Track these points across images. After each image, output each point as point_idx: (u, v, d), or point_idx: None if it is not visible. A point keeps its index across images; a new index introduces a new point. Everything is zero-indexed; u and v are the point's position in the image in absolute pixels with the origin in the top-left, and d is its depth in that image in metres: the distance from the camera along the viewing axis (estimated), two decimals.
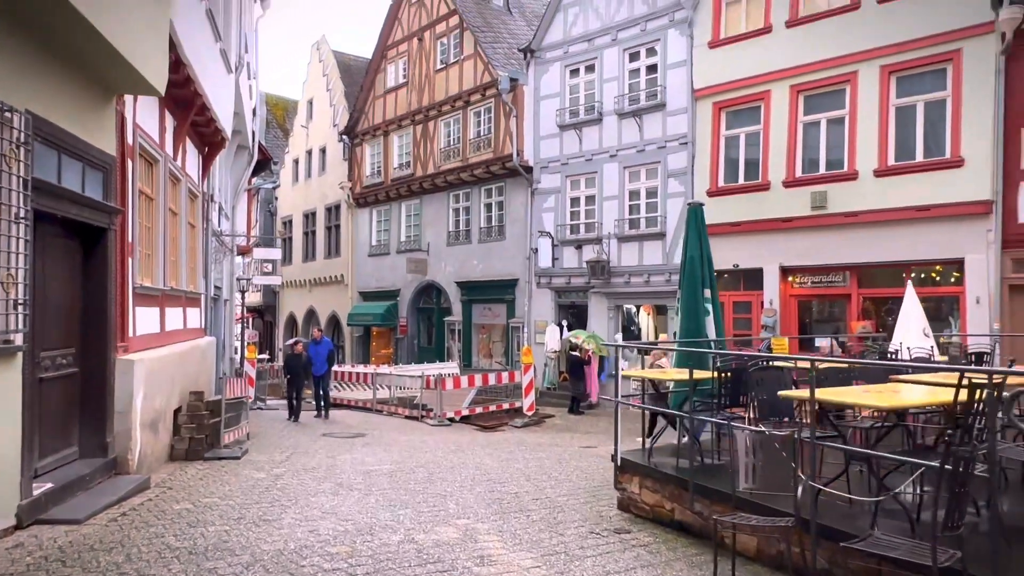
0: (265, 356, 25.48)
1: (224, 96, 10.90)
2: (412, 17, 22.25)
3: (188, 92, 8.66)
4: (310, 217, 27.89)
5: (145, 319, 7.97)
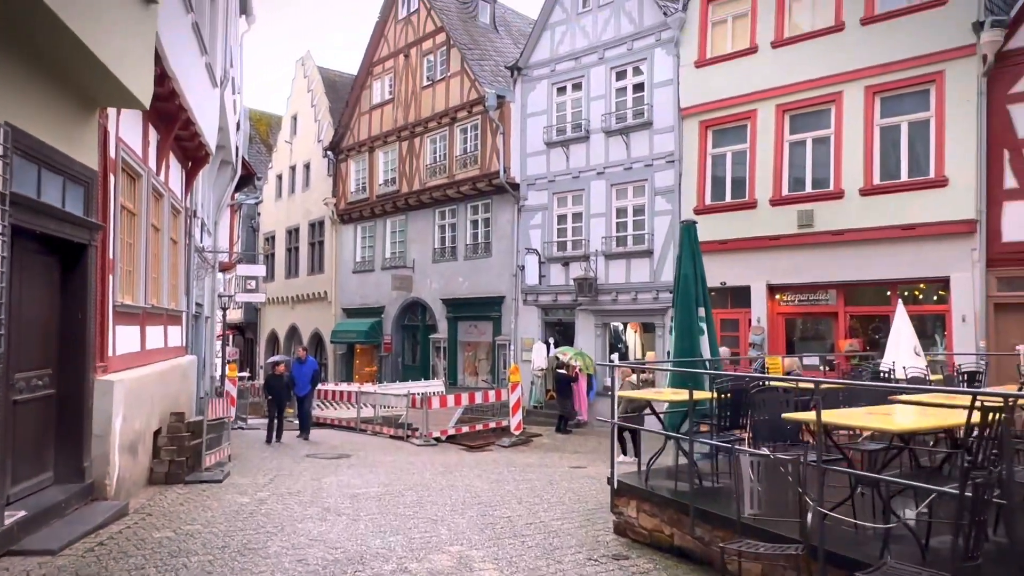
0: (246, 374, 25.08)
1: (209, 110, 10.73)
2: (398, 34, 22.24)
3: (173, 106, 8.49)
4: (293, 233, 27.61)
5: (125, 338, 7.73)
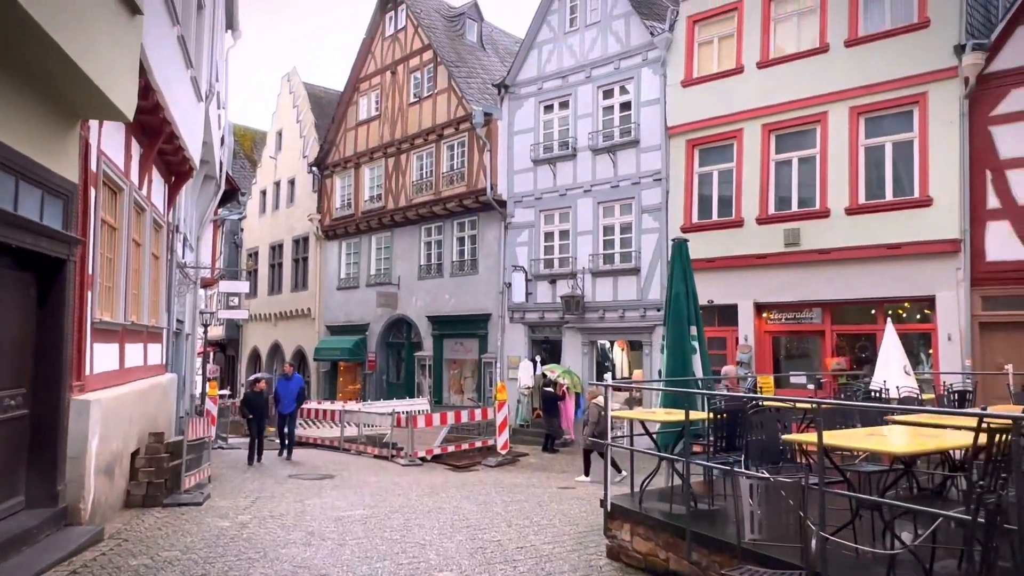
0: (227, 392, 24.63)
1: (193, 124, 10.58)
2: (385, 51, 22.25)
3: (157, 119, 8.34)
4: (277, 249, 27.33)
5: (103, 356, 7.50)
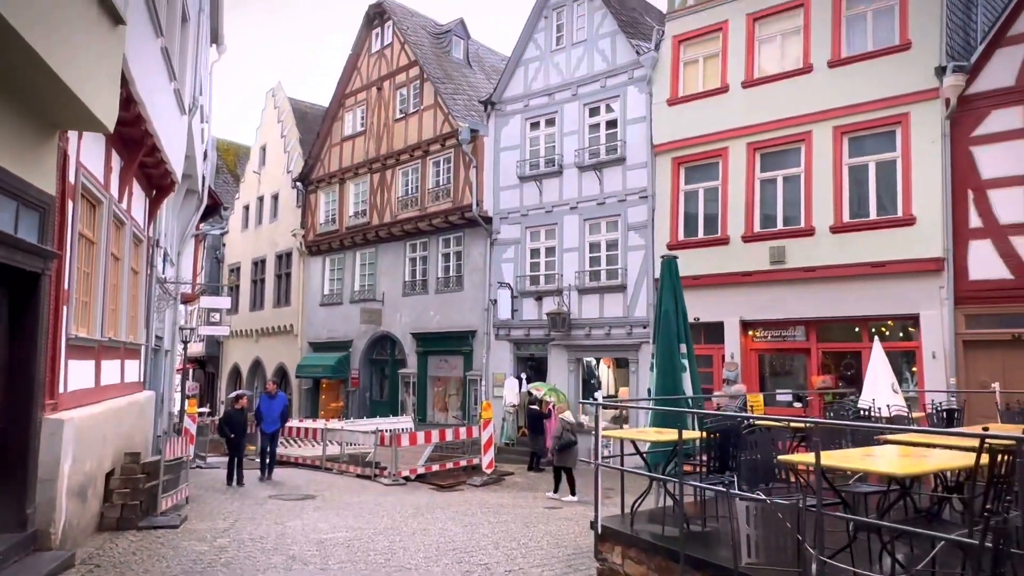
0: (206, 410, 24.20)
1: (176, 138, 10.43)
2: (371, 67, 22.23)
3: (138, 131, 8.19)
4: (259, 264, 27.04)
5: (78, 373, 7.28)
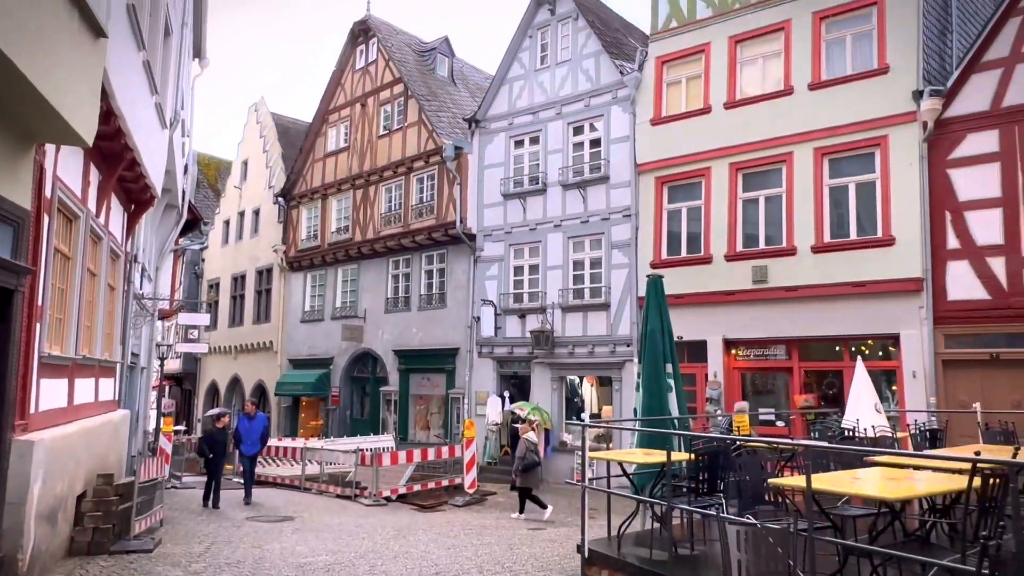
0: (182, 428, 23.74)
1: (156, 152, 10.28)
2: (356, 83, 22.21)
3: (118, 145, 8.04)
4: (239, 280, 26.72)
5: (51, 392, 7.07)
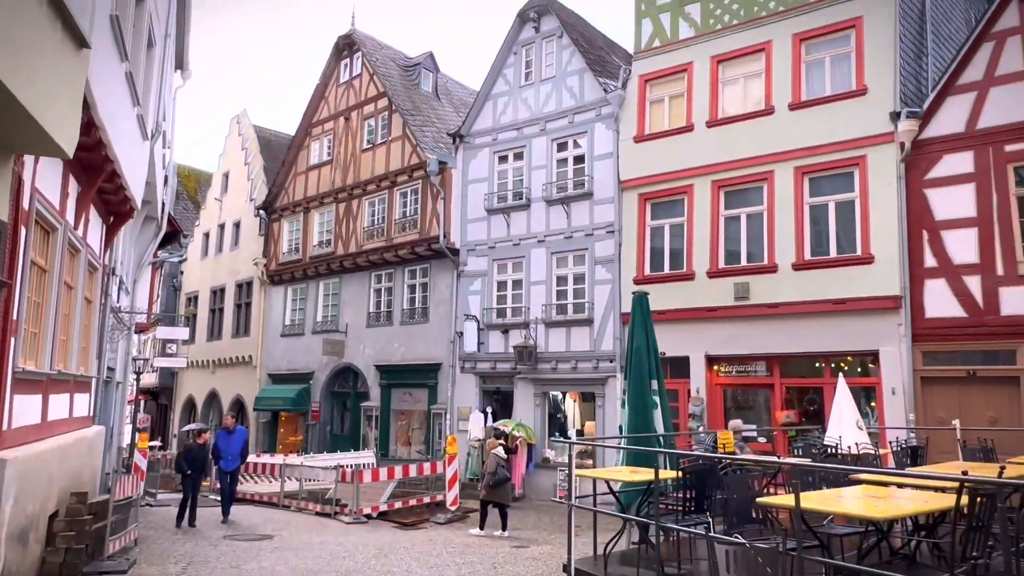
0: (157, 443, 23.28)
1: (137, 164, 10.15)
2: (339, 97, 22.18)
3: (98, 157, 7.92)
4: (218, 294, 26.40)
5: (24, 408, 6.89)
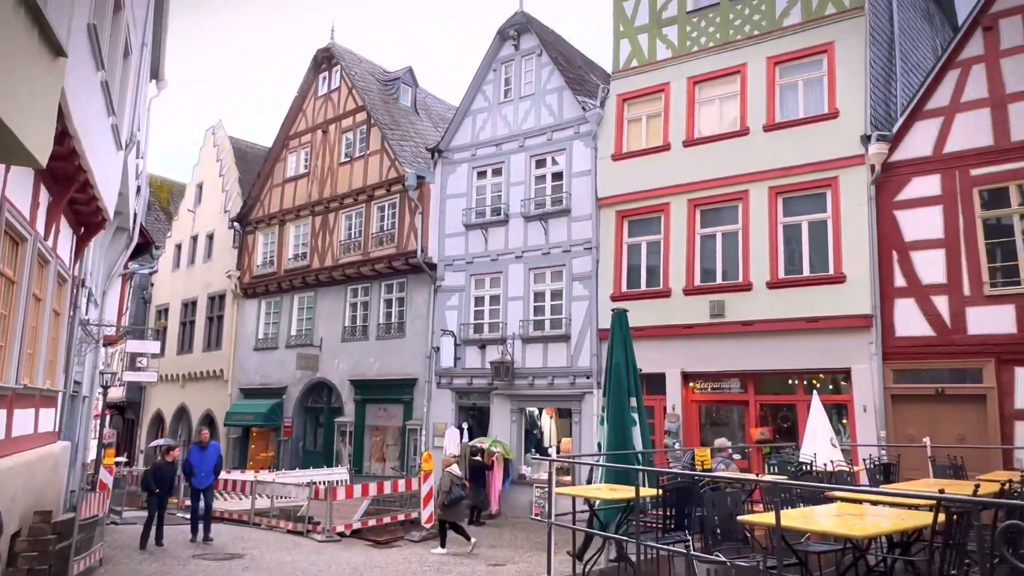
0: (123, 460, 22.70)
1: (111, 174, 9.97)
2: (317, 110, 22.09)
3: (71, 167, 7.77)
4: (190, 306, 25.95)
5: None
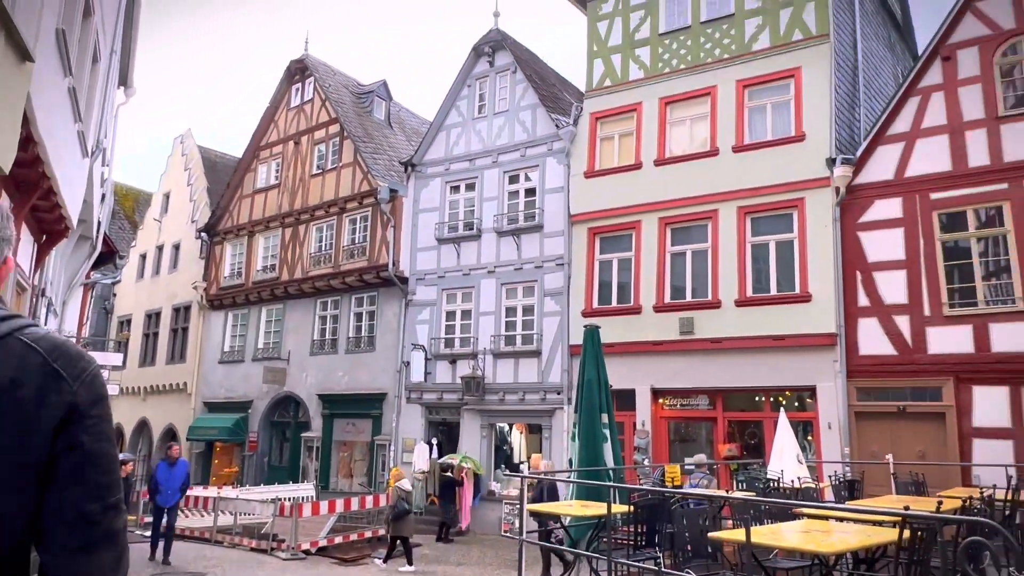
0: None
1: (75, 182, 9.74)
2: (290, 121, 21.92)
3: (35, 173, 7.56)
4: (153, 317, 25.38)
5: None
